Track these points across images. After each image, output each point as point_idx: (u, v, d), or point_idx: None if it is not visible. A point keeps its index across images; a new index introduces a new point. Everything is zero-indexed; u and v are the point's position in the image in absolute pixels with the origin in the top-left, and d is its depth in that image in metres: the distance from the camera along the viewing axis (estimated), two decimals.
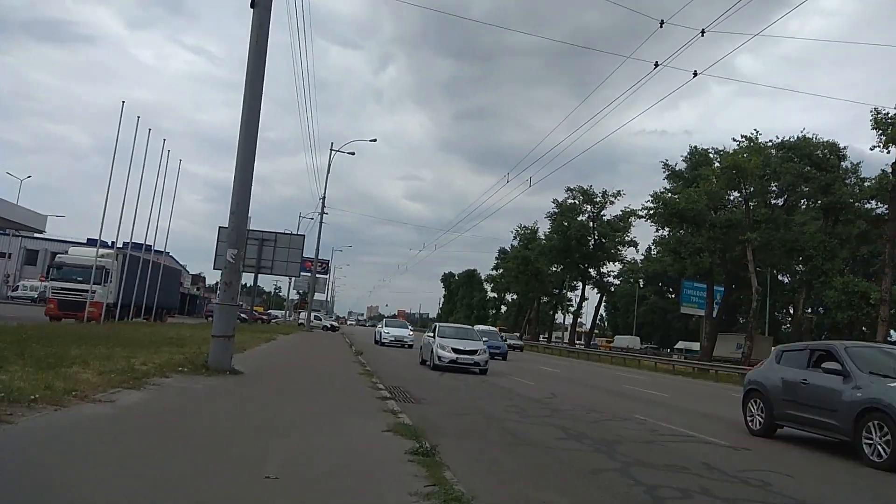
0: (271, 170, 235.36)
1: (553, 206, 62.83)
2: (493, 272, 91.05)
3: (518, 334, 68.17)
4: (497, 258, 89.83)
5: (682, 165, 49.73)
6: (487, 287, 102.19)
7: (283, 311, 76.97)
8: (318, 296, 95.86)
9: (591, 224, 61.41)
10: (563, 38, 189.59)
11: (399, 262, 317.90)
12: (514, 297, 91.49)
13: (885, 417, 8.28)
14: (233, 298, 11.98)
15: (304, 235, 51.12)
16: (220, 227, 48.30)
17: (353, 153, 48.75)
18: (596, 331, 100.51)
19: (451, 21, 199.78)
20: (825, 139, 43.45)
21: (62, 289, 33.52)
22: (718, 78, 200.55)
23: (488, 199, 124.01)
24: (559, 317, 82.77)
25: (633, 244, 62.40)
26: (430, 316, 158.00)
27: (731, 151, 42.11)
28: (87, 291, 31.60)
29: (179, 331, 24.53)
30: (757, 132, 42.48)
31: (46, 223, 45.38)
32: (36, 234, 63.77)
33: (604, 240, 61.37)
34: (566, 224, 60.69)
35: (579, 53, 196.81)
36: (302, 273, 75.30)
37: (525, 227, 77.13)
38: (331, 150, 48.14)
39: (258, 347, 20.87)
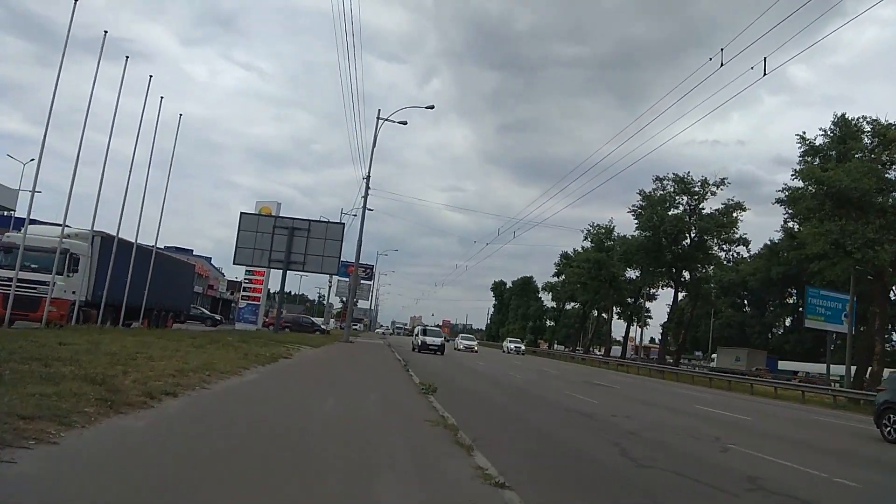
0: (316, 181, 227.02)
1: (639, 198, 50.44)
2: (554, 279, 78.51)
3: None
4: (558, 263, 77.32)
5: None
6: (545, 296, 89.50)
7: (322, 319, 66.02)
8: (361, 303, 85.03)
9: (687, 218, 48.80)
10: (607, 50, 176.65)
11: (443, 272, 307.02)
12: (578, 306, 78.71)
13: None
14: None
15: (343, 224, 39.84)
16: (241, 213, 37.68)
17: (405, 122, 37.46)
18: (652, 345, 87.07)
19: (494, 34, 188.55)
20: None
21: (10, 280, 23.21)
22: (771, 88, 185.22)
23: (535, 209, 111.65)
24: (633, 330, 70.05)
25: (744, 242, 49.57)
26: (475, 327, 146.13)
27: None
28: (44, 284, 21.30)
29: (143, 345, 13.32)
30: None
31: (17, 199, 35.57)
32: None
33: (705, 237, 48.62)
34: (656, 218, 48.20)
35: (624, 65, 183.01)
36: (340, 279, 64.49)
37: (598, 225, 64.91)
38: (377, 118, 36.96)
39: (228, 382, 9.55)
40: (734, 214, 48.14)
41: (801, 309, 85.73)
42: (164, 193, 27.37)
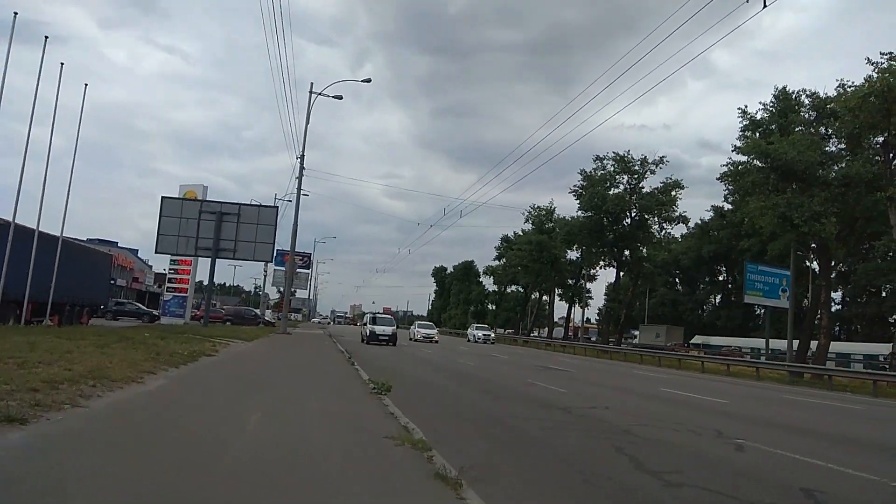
0: (249, 169, 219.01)
1: (580, 177, 49.25)
2: (495, 262, 77.12)
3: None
4: (498, 247, 76.03)
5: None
6: (487, 280, 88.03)
7: (258, 310, 62.44)
8: (300, 293, 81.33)
9: (628, 197, 47.94)
10: (539, 34, 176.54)
11: (382, 260, 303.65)
12: (520, 289, 77.60)
13: None
14: None
15: (276, 207, 36.87)
16: (162, 198, 34.23)
17: (340, 97, 34.85)
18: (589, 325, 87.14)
19: (427, 17, 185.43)
20: None
21: None
22: (695, 73, 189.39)
23: (472, 194, 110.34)
24: (574, 311, 69.38)
25: (684, 220, 49.07)
26: (416, 313, 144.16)
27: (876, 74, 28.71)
28: None
29: (25, 346, 10.59)
30: None
31: None
32: None
33: (646, 215, 47.90)
34: (597, 198, 47.15)
35: (557, 50, 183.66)
36: (276, 268, 61.08)
37: (539, 207, 63.68)
38: (310, 92, 34.18)
39: (119, 394, 7.04)
40: (673, 193, 47.64)
41: (730, 286, 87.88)
42: (70, 175, 23.89)
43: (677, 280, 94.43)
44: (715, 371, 30.32)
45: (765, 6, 13.27)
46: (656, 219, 48.20)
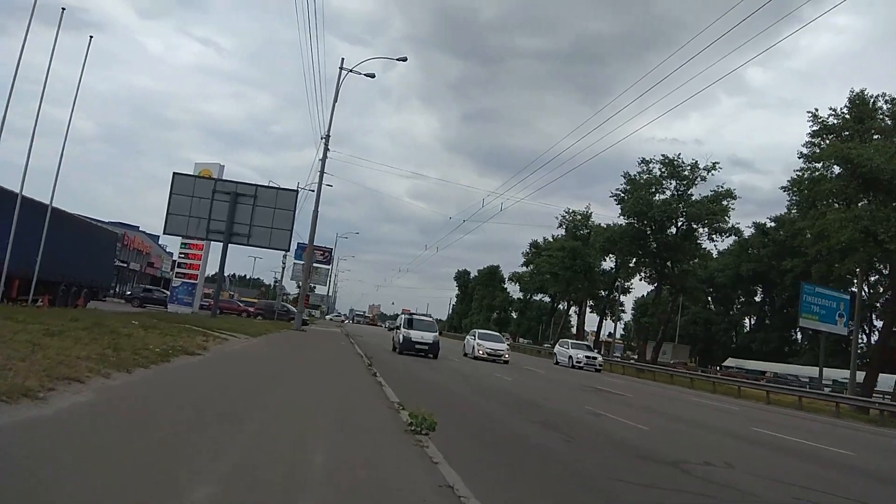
0: (275, 162, 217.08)
1: (623, 181, 45.46)
2: (522, 269, 73.45)
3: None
4: (526, 253, 72.36)
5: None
6: (513, 287, 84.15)
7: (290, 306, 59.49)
8: (319, 289, 78.46)
9: (675, 204, 44.00)
10: (570, 44, 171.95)
11: (403, 261, 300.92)
12: (546, 298, 73.86)
13: None
14: None
15: (297, 191, 33.80)
16: (174, 174, 31.42)
17: (372, 75, 31.68)
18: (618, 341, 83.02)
19: (460, 22, 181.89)
20: None
21: None
22: (728, 89, 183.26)
23: (496, 199, 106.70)
24: (605, 325, 65.37)
25: (736, 232, 45.06)
26: (436, 316, 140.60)
27: None
28: None
29: None
30: None
31: None
32: None
33: (694, 225, 43.90)
34: (642, 204, 43.34)
35: (587, 59, 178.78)
36: (295, 262, 58.15)
37: (574, 212, 59.97)
38: (340, 68, 31.08)
39: None
40: (724, 202, 43.65)
41: (766, 307, 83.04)
42: (63, 143, 20.79)
43: (710, 298, 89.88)
44: (785, 403, 26.15)
45: None
46: (705, 230, 44.23)
